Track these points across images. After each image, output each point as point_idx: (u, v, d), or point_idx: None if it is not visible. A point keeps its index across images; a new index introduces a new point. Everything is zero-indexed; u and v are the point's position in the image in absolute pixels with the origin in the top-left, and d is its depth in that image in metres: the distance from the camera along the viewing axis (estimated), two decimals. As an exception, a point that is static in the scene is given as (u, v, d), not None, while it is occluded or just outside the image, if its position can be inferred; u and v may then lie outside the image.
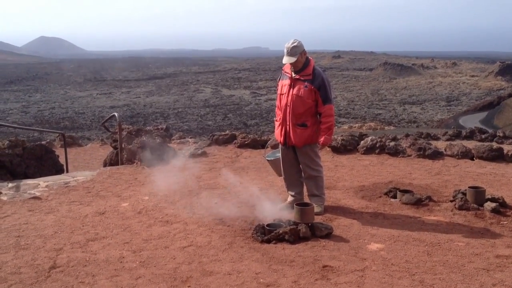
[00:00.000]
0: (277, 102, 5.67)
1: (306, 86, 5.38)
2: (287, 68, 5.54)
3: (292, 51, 5.30)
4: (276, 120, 5.72)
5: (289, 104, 5.45)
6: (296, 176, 5.78)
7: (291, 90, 5.44)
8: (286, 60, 5.34)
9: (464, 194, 5.78)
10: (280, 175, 5.94)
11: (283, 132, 5.55)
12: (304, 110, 5.42)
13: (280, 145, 5.75)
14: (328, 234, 4.80)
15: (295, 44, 5.31)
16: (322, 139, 5.46)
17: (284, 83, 5.54)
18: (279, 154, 5.84)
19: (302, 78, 5.40)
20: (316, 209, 5.37)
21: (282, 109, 5.55)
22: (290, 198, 5.77)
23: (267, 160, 6.07)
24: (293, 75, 5.45)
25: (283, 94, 5.54)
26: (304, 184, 5.78)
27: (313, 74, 5.40)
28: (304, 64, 5.41)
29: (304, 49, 5.36)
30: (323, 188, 5.74)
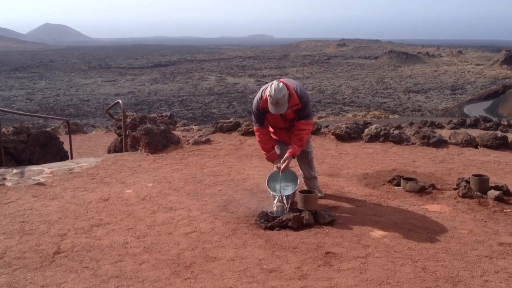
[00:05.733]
0: (272, 134, 5.37)
1: (294, 112, 5.10)
2: (266, 105, 5.02)
3: (282, 101, 4.84)
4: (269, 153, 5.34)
5: (286, 127, 5.31)
6: None
7: (285, 122, 5.23)
8: (277, 111, 4.92)
9: (467, 182, 5.77)
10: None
11: (287, 135, 5.34)
12: None
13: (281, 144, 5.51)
14: (331, 221, 4.80)
15: (283, 92, 4.81)
16: (290, 149, 5.11)
17: (271, 116, 5.15)
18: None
19: (291, 110, 5.07)
20: (320, 192, 5.51)
21: (281, 138, 5.39)
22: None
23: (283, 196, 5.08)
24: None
25: (278, 128, 5.35)
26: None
27: (300, 102, 5.05)
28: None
29: (287, 91, 4.90)
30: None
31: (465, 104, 59.57)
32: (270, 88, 4.87)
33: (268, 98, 4.90)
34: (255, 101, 5.21)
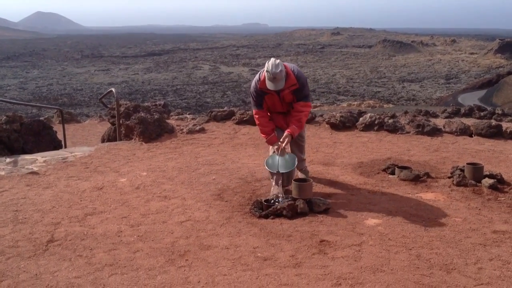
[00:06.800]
0: (267, 117, 5.41)
1: (292, 93, 5.20)
2: (264, 85, 5.14)
3: (279, 76, 4.94)
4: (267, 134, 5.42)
5: (283, 110, 5.40)
6: None
7: (282, 104, 5.30)
8: (274, 87, 5.00)
9: (462, 170, 5.78)
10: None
11: (285, 121, 5.41)
12: None
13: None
14: (326, 210, 4.81)
15: (280, 68, 4.93)
16: (289, 129, 5.20)
17: (269, 98, 5.25)
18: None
19: (289, 90, 5.15)
20: (306, 171, 5.79)
21: (278, 124, 5.45)
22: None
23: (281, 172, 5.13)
24: (278, 91, 5.16)
25: (276, 113, 5.43)
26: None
27: (298, 82, 5.13)
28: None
29: (284, 68, 5.04)
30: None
31: (459, 93, 59.61)
32: (267, 64, 4.96)
33: (266, 74, 4.98)
34: (253, 83, 5.28)
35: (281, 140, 5.20)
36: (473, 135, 8.42)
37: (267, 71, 4.95)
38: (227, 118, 9.79)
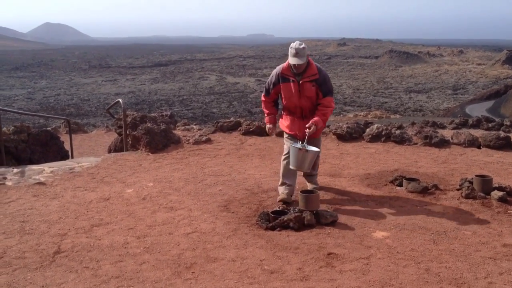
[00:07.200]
0: (284, 102, 5.59)
1: (313, 86, 5.35)
2: (287, 71, 5.40)
3: (301, 52, 5.20)
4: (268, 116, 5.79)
5: (301, 106, 5.49)
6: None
7: (300, 93, 5.39)
8: (295, 61, 5.21)
9: (471, 182, 5.73)
10: (300, 169, 5.32)
11: (300, 128, 5.48)
12: (313, 107, 5.48)
13: (289, 136, 5.64)
14: (333, 222, 4.77)
15: (303, 45, 5.24)
16: (315, 118, 5.33)
17: (288, 87, 5.44)
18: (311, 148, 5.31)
19: (309, 80, 5.33)
20: (316, 184, 5.89)
21: (292, 110, 5.57)
22: (285, 190, 5.52)
23: (307, 150, 5.18)
24: (298, 78, 5.35)
25: (292, 108, 5.57)
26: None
27: (319, 73, 5.35)
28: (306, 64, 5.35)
29: (306, 48, 5.32)
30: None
31: (467, 104, 59.48)
32: (292, 44, 5.29)
33: (289, 50, 5.26)
34: (275, 69, 5.57)
35: (306, 126, 5.31)
36: (481, 147, 8.36)
37: (290, 47, 5.25)
38: (234, 129, 9.79)
